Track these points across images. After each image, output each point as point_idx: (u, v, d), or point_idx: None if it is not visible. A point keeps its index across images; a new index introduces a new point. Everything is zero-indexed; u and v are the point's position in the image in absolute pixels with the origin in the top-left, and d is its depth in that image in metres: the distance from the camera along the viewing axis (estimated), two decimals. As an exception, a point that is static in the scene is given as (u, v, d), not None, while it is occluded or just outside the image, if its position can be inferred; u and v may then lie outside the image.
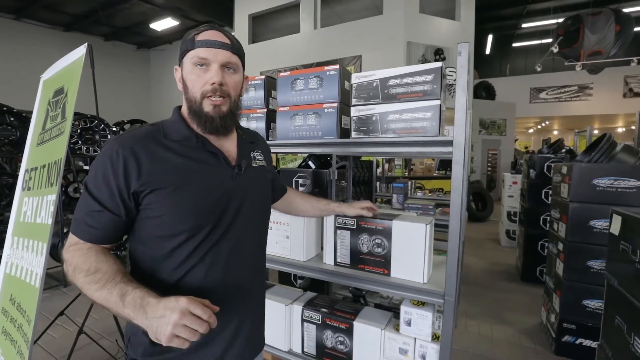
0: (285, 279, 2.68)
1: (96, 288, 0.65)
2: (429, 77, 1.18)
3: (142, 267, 0.78)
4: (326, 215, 1.34)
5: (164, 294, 0.63)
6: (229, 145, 0.88)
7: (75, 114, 4.21)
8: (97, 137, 4.37)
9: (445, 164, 6.73)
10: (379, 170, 4.53)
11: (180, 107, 0.86)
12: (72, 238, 0.74)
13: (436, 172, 6.82)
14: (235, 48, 0.81)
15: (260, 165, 0.96)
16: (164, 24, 10.08)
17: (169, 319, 0.57)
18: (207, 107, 0.78)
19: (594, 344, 2.15)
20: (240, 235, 0.84)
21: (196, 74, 0.78)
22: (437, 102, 1.17)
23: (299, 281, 2.64)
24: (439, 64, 1.16)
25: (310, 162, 3.20)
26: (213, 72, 0.77)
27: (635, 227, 1.20)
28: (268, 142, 1.59)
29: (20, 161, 2.29)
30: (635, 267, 1.14)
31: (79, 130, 4.24)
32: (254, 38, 8.86)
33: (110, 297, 0.63)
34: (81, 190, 0.81)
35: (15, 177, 3.50)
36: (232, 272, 0.83)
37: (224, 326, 0.81)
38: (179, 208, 0.74)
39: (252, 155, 0.94)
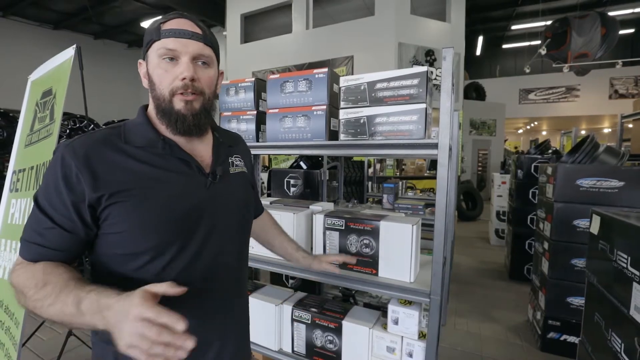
0: (277, 279, 2.69)
1: (49, 303, 0.56)
2: (415, 81, 1.21)
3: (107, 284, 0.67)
4: (288, 260, 1.15)
5: None
6: (203, 150, 0.79)
7: (64, 113, 4.16)
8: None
9: (437, 164, 6.78)
10: (371, 170, 4.56)
11: (146, 107, 0.77)
12: (17, 260, 0.66)
13: (427, 172, 6.89)
14: (208, 39, 0.72)
15: (240, 172, 0.86)
16: (154, 23, 9.99)
17: (122, 327, 0.49)
18: (178, 104, 0.69)
19: (577, 340, 2.21)
20: (217, 251, 0.76)
21: (163, 68, 0.69)
22: (423, 105, 1.20)
23: (290, 281, 2.65)
24: (424, 68, 1.19)
25: (301, 163, 3.22)
26: (183, 66, 0.68)
27: (613, 226, 1.24)
28: (258, 143, 1.61)
29: (7, 162, 2.27)
30: (612, 265, 1.18)
31: (67, 131, 4.19)
32: (246, 38, 8.84)
33: (65, 308, 0.55)
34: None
35: (2, 178, 3.45)
36: (211, 292, 0.75)
37: (206, 351, 0.75)
38: (141, 223, 0.65)
39: (229, 160, 0.84)
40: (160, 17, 0.72)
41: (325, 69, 1.38)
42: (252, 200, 0.93)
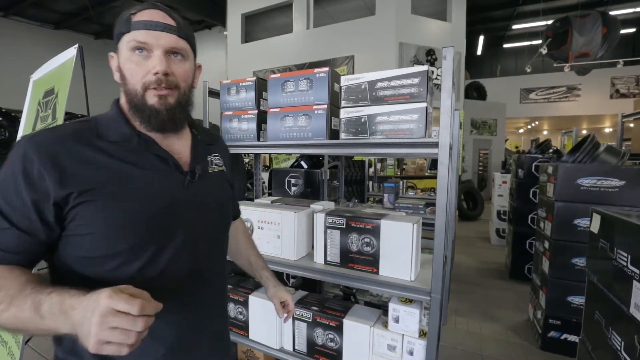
0: (277, 278, 2.70)
1: (2, 309, 0.52)
2: (416, 80, 1.21)
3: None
4: (250, 275, 1.12)
5: None
6: (181, 147, 0.75)
7: (66, 113, 4.18)
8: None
9: (437, 164, 6.79)
10: (371, 170, 4.57)
11: (119, 100, 0.72)
12: None
13: (428, 171, 6.89)
14: (183, 31, 0.68)
15: (219, 171, 0.84)
16: (155, 23, 10.00)
17: (89, 323, 0.45)
18: (151, 99, 0.66)
19: (577, 339, 2.21)
20: (198, 252, 0.72)
21: (135, 61, 0.65)
22: (424, 104, 1.20)
23: (291, 280, 2.66)
24: (424, 67, 1.20)
25: (302, 162, 3.22)
26: (156, 60, 0.65)
27: (613, 225, 1.24)
28: (259, 143, 1.61)
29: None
30: (612, 264, 1.19)
31: (69, 130, 4.21)
32: (246, 37, 8.85)
33: (21, 314, 0.51)
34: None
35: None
36: (191, 294, 0.72)
37: (185, 356, 0.72)
38: (114, 224, 0.61)
39: (208, 159, 0.81)
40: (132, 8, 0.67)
41: (326, 68, 1.38)
42: (231, 199, 0.90)
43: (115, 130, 0.67)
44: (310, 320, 1.45)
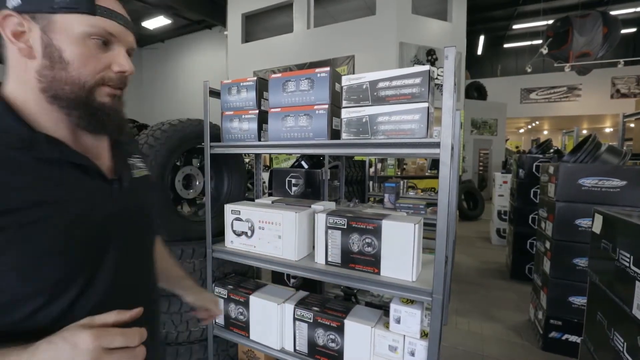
0: (278, 278, 2.69)
1: None
2: (417, 80, 1.20)
3: None
4: (170, 287, 0.93)
5: None
6: (98, 150, 0.61)
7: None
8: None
9: (438, 164, 6.77)
10: (372, 169, 4.57)
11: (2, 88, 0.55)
12: None
13: (428, 171, 6.88)
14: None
15: (145, 175, 0.72)
16: (156, 23, 10.03)
17: None
18: (104, 97, 0.56)
19: (579, 340, 2.20)
20: (135, 272, 0.63)
21: (90, 49, 0.54)
22: (425, 104, 1.20)
23: (291, 280, 2.65)
24: (426, 67, 1.19)
25: (302, 162, 3.22)
26: (123, 58, 0.57)
27: (615, 225, 1.24)
28: (260, 143, 1.61)
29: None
30: (614, 264, 1.18)
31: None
32: (247, 37, 8.84)
33: None
34: None
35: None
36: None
37: None
38: (31, 256, 0.47)
39: (130, 162, 0.69)
40: None
41: (327, 68, 1.38)
42: (156, 206, 0.81)
43: (8, 133, 0.50)
44: (311, 321, 1.45)
